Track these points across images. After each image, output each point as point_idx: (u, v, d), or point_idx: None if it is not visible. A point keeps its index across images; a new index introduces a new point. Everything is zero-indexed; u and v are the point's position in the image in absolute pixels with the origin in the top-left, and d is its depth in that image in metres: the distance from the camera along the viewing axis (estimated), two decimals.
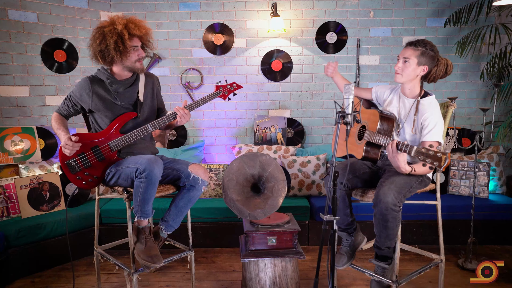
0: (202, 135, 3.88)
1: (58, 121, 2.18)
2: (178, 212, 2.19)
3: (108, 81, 2.13)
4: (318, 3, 3.68)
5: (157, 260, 2.02)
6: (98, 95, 2.12)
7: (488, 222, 3.09)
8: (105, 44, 2.02)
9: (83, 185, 2.13)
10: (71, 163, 2.07)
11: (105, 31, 2.02)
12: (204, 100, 2.15)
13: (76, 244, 2.96)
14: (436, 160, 1.68)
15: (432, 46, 2.03)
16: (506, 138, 3.27)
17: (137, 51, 2.10)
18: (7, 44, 3.14)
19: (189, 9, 3.68)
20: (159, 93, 2.34)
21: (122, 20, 2.05)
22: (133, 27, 2.05)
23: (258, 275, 2.23)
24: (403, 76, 2.07)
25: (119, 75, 2.16)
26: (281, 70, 3.76)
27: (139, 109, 2.19)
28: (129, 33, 2.04)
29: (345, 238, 2.21)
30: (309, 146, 3.86)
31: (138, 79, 2.22)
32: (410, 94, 2.14)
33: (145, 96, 2.23)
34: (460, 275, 2.67)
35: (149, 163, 1.92)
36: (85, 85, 2.12)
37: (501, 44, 3.55)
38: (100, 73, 2.16)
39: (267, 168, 2.33)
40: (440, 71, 2.07)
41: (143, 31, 2.10)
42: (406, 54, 2.04)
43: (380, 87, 2.32)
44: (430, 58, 2.03)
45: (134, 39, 2.08)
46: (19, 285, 2.63)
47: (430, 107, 2.04)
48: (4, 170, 3.04)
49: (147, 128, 2.10)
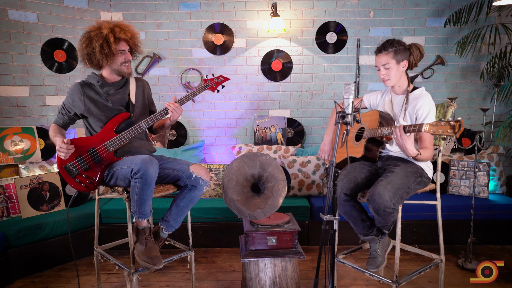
0: (202, 135, 3.88)
1: (55, 131, 2.21)
2: (179, 212, 2.19)
3: (98, 84, 2.17)
4: (318, 3, 3.68)
5: (157, 261, 2.02)
6: (90, 98, 2.16)
7: (488, 222, 3.09)
8: (91, 48, 2.07)
9: (83, 188, 2.13)
10: (69, 166, 2.08)
11: (91, 35, 2.07)
12: (194, 93, 2.19)
13: (76, 244, 2.95)
14: (450, 128, 1.68)
15: (398, 41, 2.08)
16: (506, 138, 3.27)
17: (123, 54, 2.14)
18: (7, 44, 3.14)
19: (189, 9, 3.68)
20: (149, 96, 2.38)
21: (108, 24, 2.10)
22: (118, 30, 2.09)
23: (258, 275, 2.23)
24: (392, 79, 2.11)
25: (109, 78, 2.20)
26: (281, 70, 3.76)
27: (132, 109, 2.21)
28: (114, 37, 2.08)
29: (372, 242, 2.17)
30: (309, 146, 3.86)
31: (128, 81, 2.27)
32: (399, 91, 2.18)
33: (136, 98, 2.26)
34: (460, 275, 2.67)
35: (143, 163, 1.93)
36: (76, 90, 2.16)
37: (501, 44, 3.55)
38: (90, 78, 2.20)
39: (267, 168, 2.33)
40: (416, 56, 2.12)
41: (128, 34, 2.14)
42: (383, 61, 2.09)
43: (370, 95, 2.37)
44: (403, 51, 2.08)
45: (121, 42, 2.12)
46: (19, 285, 2.63)
47: (421, 97, 2.08)
48: (4, 170, 3.04)
49: (140, 125, 2.11)
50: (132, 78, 2.30)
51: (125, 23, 2.17)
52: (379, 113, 2.14)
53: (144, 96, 2.32)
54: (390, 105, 2.21)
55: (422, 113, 2.05)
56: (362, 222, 2.13)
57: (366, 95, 2.38)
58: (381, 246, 2.15)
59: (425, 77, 3.74)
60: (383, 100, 2.28)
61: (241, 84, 3.80)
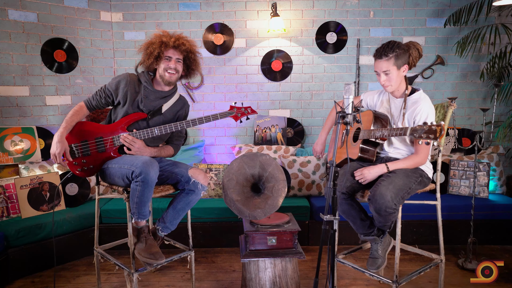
0: (202, 135, 3.88)
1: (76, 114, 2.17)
2: (175, 214, 2.21)
3: (145, 83, 2.17)
4: (318, 3, 3.68)
5: (159, 256, 2.03)
6: (130, 92, 2.15)
7: (488, 222, 3.09)
8: (147, 50, 2.14)
9: (77, 172, 2.15)
10: (72, 147, 2.12)
11: (152, 38, 2.15)
12: (215, 117, 2.18)
13: (76, 244, 2.96)
14: (431, 133, 1.71)
15: (398, 44, 2.02)
16: (506, 138, 3.27)
17: (169, 61, 2.13)
18: (7, 44, 3.14)
19: (189, 9, 3.68)
20: (181, 117, 2.34)
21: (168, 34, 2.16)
22: (173, 40, 2.13)
23: (258, 275, 2.23)
24: (393, 85, 2.08)
25: (157, 84, 2.21)
26: (281, 70, 3.76)
27: (154, 115, 2.21)
28: (165, 43, 2.11)
29: (374, 242, 2.17)
30: (309, 146, 3.86)
31: (172, 96, 2.26)
32: (398, 94, 2.16)
33: (167, 111, 2.25)
34: (460, 275, 2.67)
35: (144, 166, 1.93)
36: (123, 79, 2.16)
37: (501, 44, 3.55)
38: (142, 75, 2.21)
39: (267, 168, 2.33)
40: (415, 57, 2.07)
41: (180, 42, 2.15)
42: (384, 67, 2.02)
43: (367, 94, 2.35)
44: (403, 55, 2.02)
45: (170, 49, 2.13)
46: (19, 285, 2.63)
47: (419, 101, 2.06)
48: (4, 170, 3.04)
49: (153, 130, 2.13)
50: (177, 94, 2.30)
51: (186, 37, 2.21)
52: (373, 113, 2.14)
53: (176, 114, 2.30)
54: (387, 105, 2.20)
55: (421, 118, 2.02)
56: (361, 221, 2.13)
57: (363, 94, 2.37)
58: (382, 246, 2.15)
59: (425, 77, 3.74)
60: (380, 101, 2.27)
61: (241, 84, 3.80)
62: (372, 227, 2.13)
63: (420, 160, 2.05)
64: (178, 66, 2.17)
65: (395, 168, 2.04)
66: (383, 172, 2.03)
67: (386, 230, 2.12)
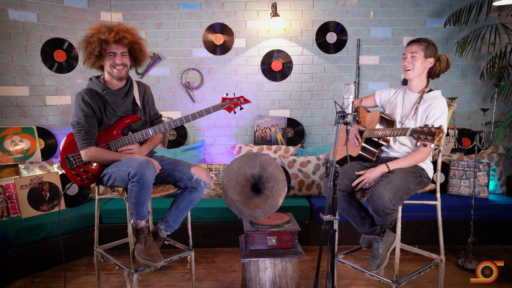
0: (202, 135, 3.88)
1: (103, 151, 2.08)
2: (178, 213, 2.20)
3: (104, 92, 2.11)
4: (318, 3, 3.68)
5: (158, 258, 2.03)
6: (99, 107, 2.11)
7: (488, 222, 3.09)
8: (86, 49, 2.06)
9: (78, 182, 2.15)
10: (70, 157, 2.11)
11: (88, 35, 2.06)
12: (208, 110, 2.17)
13: (76, 244, 2.96)
14: (429, 135, 1.73)
15: (433, 43, 2.14)
16: (506, 138, 3.27)
17: (113, 57, 2.07)
18: (7, 44, 3.14)
19: (189, 9, 3.68)
20: (149, 100, 2.33)
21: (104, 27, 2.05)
22: (112, 35, 2.02)
23: (258, 275, 2.23)
24: (414, 70, 2.11)
25: (111, 84, 2.15)
26: (281, 70, 3.76)
27: (141, 114, 2.23)
28: (103, 39, 2.02)
29: (374, 241, 2.17)
30: (309, 146, 3.86)
31: (132, 87, 2.22)
32: (416, 89, 2.17)
33: (141, 103, 2.26)
34: (460, 275, 2.67)
35: (140, 167, 1.92)
36: (86, 98, 2.07)
37: (501, 44, 3.55)
38: (94, 85, 2.13)
39: (267, 168, 2.33)
40: (443, 66, 2.16)
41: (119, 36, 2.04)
42: (413, 49, 2.10)
43: (383, 90, 2.37)
44: (434, 50, 2.11)
45: (110, 45, 2.05)
46: (19, 285, 2.63)
47: (437, 99, 2.09)
48: (4, 170, 3.04)
49: (147, 132, 2.13)
50: (135, 83, 2.26)
51: (125, 26, 2.10)
52: (380, 113, 2.15)
53: (145, 101, 2.30)
54: (401, 102, 2.21)
55: (435, 113, 2.04)
56: (362, 219, 2.14)
57: (378, 91, 2.38)
58: (384, 245, 2.15)
59: None
60: (395, 96, 2.27)
61: (241, 84, 3.80)
62: (374, 226, 2.14)
63: (421, 157, 2.06)
64: (125, 60, 2.10)
65: (396, 167, 2.04)
66: (384, 172, 2.04)
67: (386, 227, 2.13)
